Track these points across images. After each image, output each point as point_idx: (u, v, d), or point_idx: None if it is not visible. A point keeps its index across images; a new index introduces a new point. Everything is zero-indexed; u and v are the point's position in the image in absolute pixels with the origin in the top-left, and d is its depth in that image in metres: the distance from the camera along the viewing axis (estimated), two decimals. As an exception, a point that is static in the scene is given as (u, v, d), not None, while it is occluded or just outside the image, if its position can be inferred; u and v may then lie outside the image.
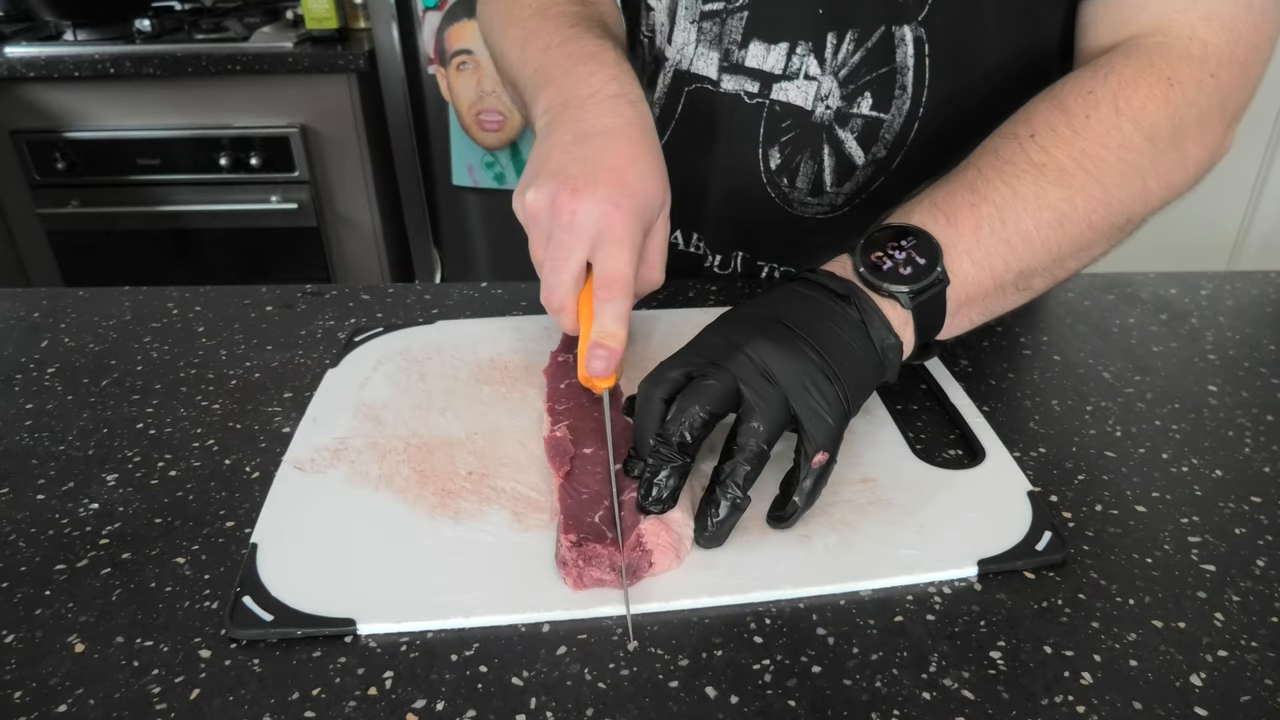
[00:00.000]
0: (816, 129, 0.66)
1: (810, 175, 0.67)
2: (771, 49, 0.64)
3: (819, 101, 0.64)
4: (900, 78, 0.63)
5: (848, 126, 0.65)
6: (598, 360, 0.48)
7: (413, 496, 0.49)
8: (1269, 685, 0.39)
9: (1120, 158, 0.51)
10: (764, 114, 0.67)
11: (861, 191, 0.68)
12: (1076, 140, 0.50)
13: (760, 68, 0.65)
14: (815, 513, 0.48)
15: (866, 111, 0.64)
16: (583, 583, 0.43)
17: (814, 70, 0.64)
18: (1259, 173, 1.82)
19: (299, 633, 0.41)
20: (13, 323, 0.71)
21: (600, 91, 0.53)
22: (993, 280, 0.49)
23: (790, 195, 0.69)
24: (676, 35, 0.68)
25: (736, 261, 0.75)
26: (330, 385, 0.60)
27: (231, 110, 1.76)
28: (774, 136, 0.67)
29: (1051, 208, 0.49)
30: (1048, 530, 0.46)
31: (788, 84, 0.65)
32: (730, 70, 0.67)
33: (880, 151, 0.65)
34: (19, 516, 0.49)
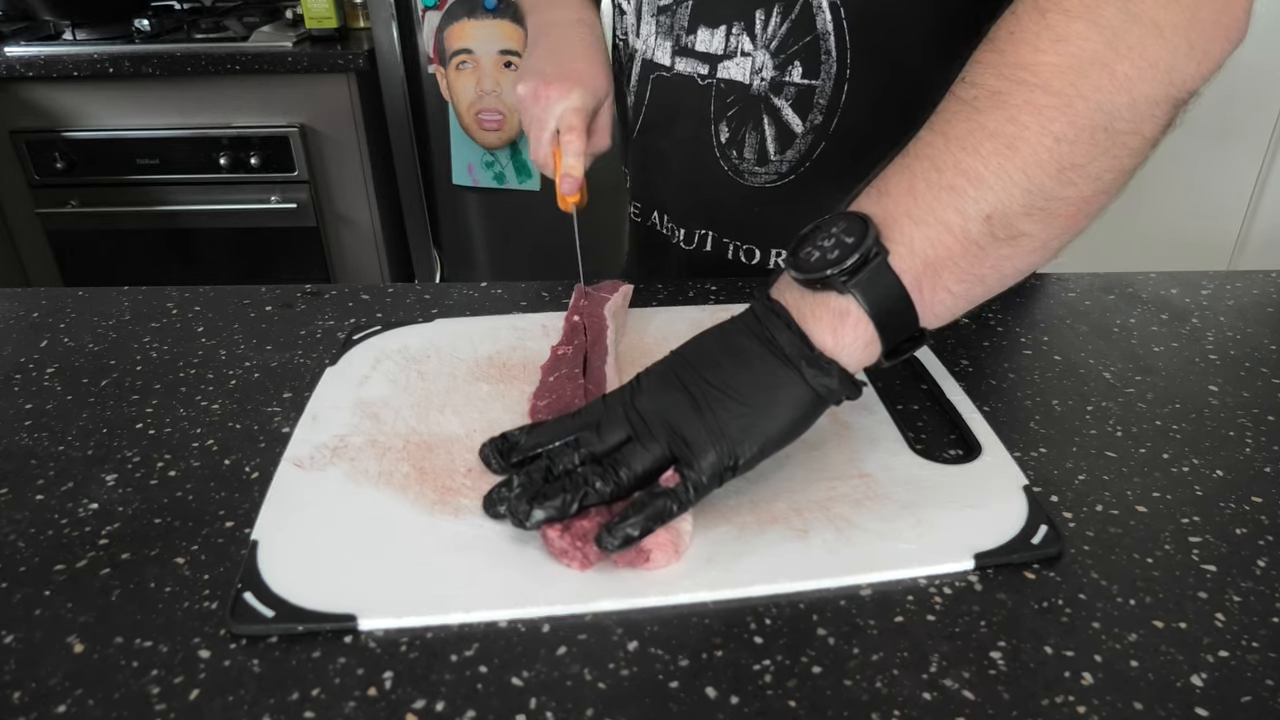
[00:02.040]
0: (755, 101, 0.71)
1: (755, 145, 0.73)
2: (714, 32, 0.71)
3: (754, 75, 0.70)
4: (824, 43, 0.66)
5: (782, 95, 0.70)
6: (566, 183, 0.65)
7: (412, 493, 0.50)
8: (1270, 686, 0.39)
9: (1060, 53, 0.43)
10: (713, 92, 0.73)
11: (805, 159, 0.72)
12: (1003, 59, 0.44)
13: (707, 50, 0.72)
14: (813, 508, 0.48)
15: (798, 80, 0.69)
16: (589, 560, 0.44)
17: (748, 47, 0.69)
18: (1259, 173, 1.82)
19: (300, 628, 0.41)
20: (12, 323, 0.71)
21: (563, 18, 0.74)
22: (953, 235, 0.43)
23: (740, 166, 0.74)
24: (642, 29, 0.76)
25: (707, 241, 0.79)
26: (329, 383, 0.60)
27: (231, 110, 1.76)
28: (722, 112, 0.73)
29: (992, 135, 0.43)
30: (1044, 524, 0.47)
31: (729, 62, 0.71)
32: (681, 54, 0.74)
33: (816, 117, 0.69)
34: (18, 517, 0.49)
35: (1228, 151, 1.80)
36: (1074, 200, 0.44)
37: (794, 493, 0.49)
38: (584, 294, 0.66)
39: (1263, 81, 1.73)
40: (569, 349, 0.60)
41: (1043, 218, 0.44)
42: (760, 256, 0.78)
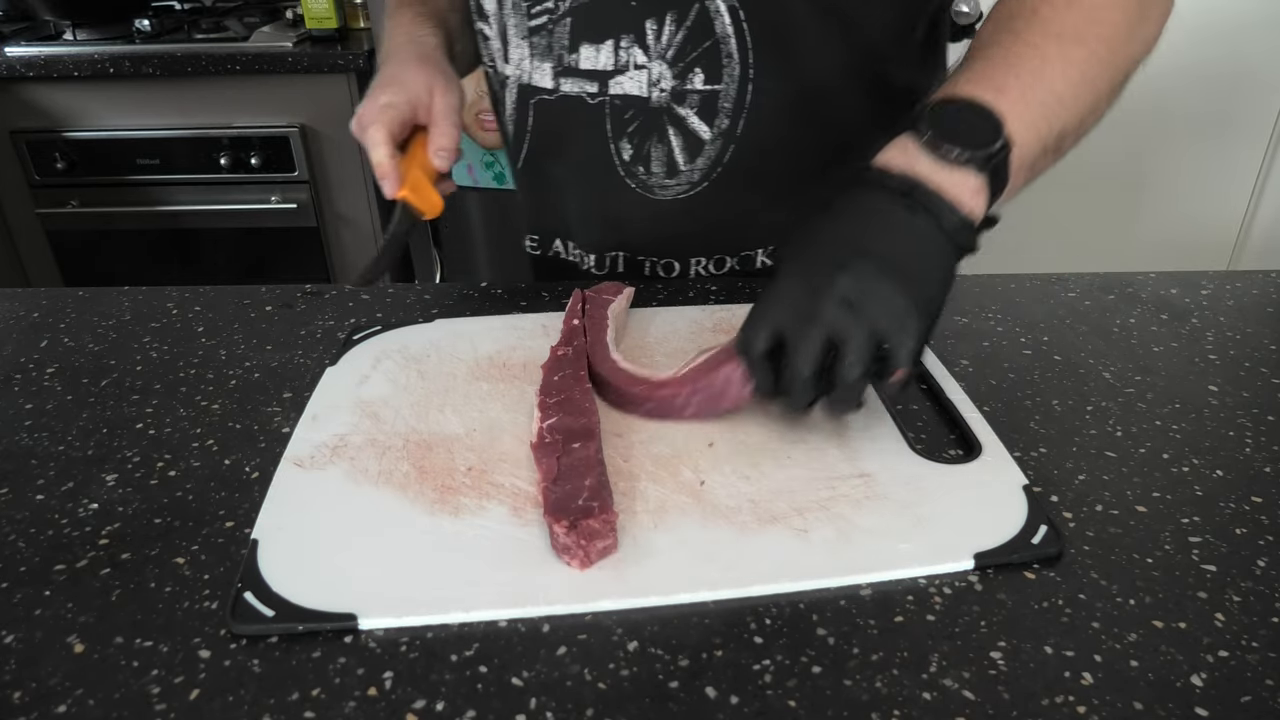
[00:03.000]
0: (657, 113, 0.69)
1: (663, 158, 0.71)
2: (600, 48, 0.68)
3: (653, 87, 0.68)
4: (724, 47, 0.65)
5: (686, 103, 0.68)
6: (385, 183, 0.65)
7: (412, 493, 0.50)
8: (1270, 686, 0.39)
9: (1121, 18, 0.56)
10: (607, 110, 0.70)
11: (716, 165, 0.71)
12: (1078, 7, 0.55)
13: (594, 68, 0.69)
14: (813, 508, 0.48)
15: (700, 86, 0.67)
16: (590, 559, 0.44)
17: (641, 59, 0.67)
18: (1259, 173, 1.82)
19: (300, 628, 0.41)
20: (12, 323, 0.71)
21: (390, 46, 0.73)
22: (1039, 143, 0.53)
23: (649, 182, 0.72)
24: (512, 53, 0.72)
25: (619, 263, 0.78)
26: (329, 383, 0.61)
27: (231, 110, 1.76)
28: (621, 129, 0.71)
29: (1076, 67, 0.54)
30: (1043, 524, 0.47)
31: (621, 77, 0.68)
32: (565, 74, 0.70)
33: (723, 122, 0.68)
34: (19, 516, 0.49)
35: (1227, 152, 1.80)
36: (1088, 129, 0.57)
37: (794, 493, 0.49)
38: (583, 298, 0.66)
39: (1262, 82, 1.73)
40: (569, 350, 0.60)
41: (1075, 139, 0.56)
42: (679, 268, 0.76)
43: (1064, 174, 1.97)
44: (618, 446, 0.53)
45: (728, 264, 0.76)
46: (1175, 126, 1.76)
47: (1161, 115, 1.74)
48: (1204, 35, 1.68)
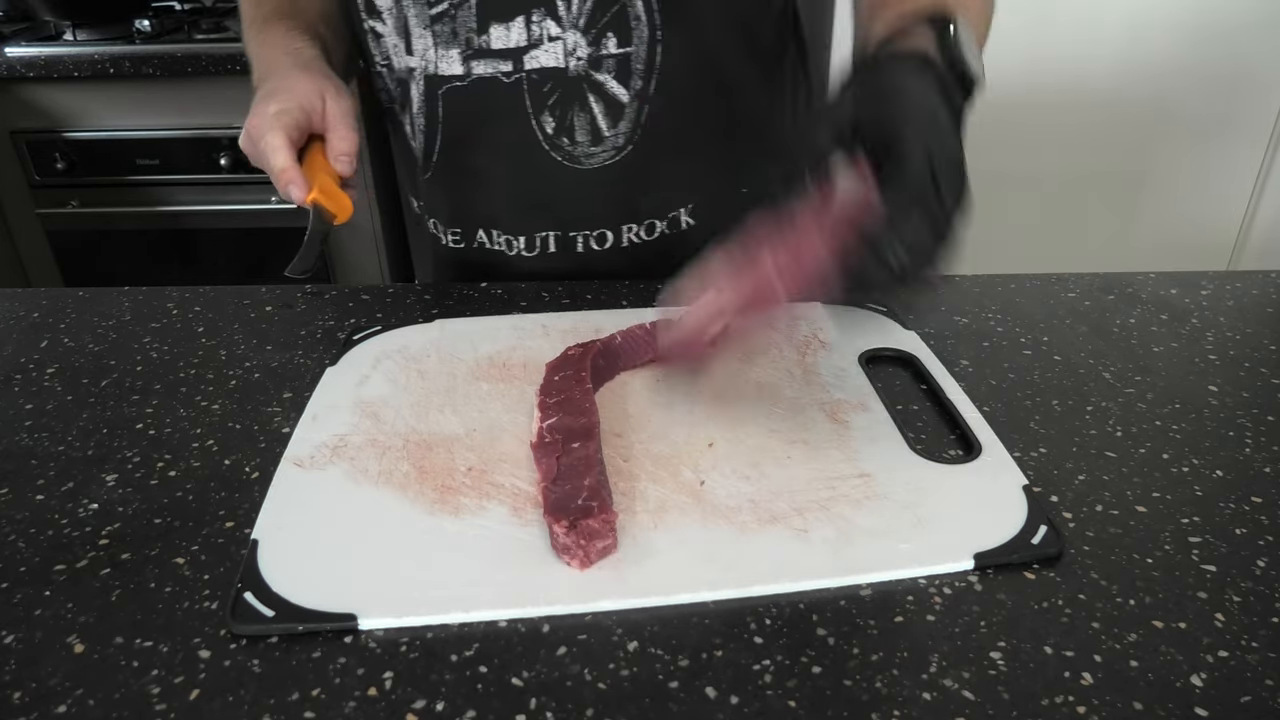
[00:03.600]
0: (576, 82, 0.71)
1: (587, 126, 0.72)
2: (510, 26, 0.69)
3: (569, 56, 0.69)
4: (631, 10, 0.68)
5: (603, 69, 0.70)
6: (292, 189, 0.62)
7: (412, 493, 0.50)
8: (1270, 686, 0.38)
9: None
10: (525, 87, 0.71)
11: (636, 127, 0.73)
12: None
13: (505, 46, 0.69)
14: (813, 508, 0.48)
15: (614, 50, 0.69)
16: (589, 559, 0.44)
17: (555, 30, 0.69)
18: (1259, 173, 1.82)
19: (300, 628, 0.41)
20: (13, 323, 0.71)
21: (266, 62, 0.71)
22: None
23: (575, 152, 0.73)
24: (415, 44, 0.72)
25: (550, 242, 0.78)
26: (329, 383, 0.61)
27: (231, 110, 1.76)
28: (541, 103, 0.72)
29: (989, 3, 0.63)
30: (1043, 524, 0.47)
31: (537, 51, 0.69)
32: (476, 57, 0.70)
33: (638, 83, 0.71)
34: (19, 517, 0.49)
35: (1227, 152, 1.80)
36: None
37: (794, 493, 0.49)
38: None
39: (1262, 82, 1.73)
40: (579, 349, 0.60)
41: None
42: (612, 239, 0.77)
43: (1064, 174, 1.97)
44: (617, 446, 0.53)
45: (658, 229, 0.78)
46: (1175, 126, 1.76)
47: (1161, 115, 1.74)
48: (1204, 35, 1.68)
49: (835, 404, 0.58)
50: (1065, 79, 1.70)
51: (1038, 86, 1.71)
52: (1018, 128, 1.75)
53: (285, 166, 0.62)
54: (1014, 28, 1.65)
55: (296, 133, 0.64)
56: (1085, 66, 1.69)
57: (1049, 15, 1.65)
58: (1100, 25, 1.66)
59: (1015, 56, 1.68)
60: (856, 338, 0.65)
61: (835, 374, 0.61)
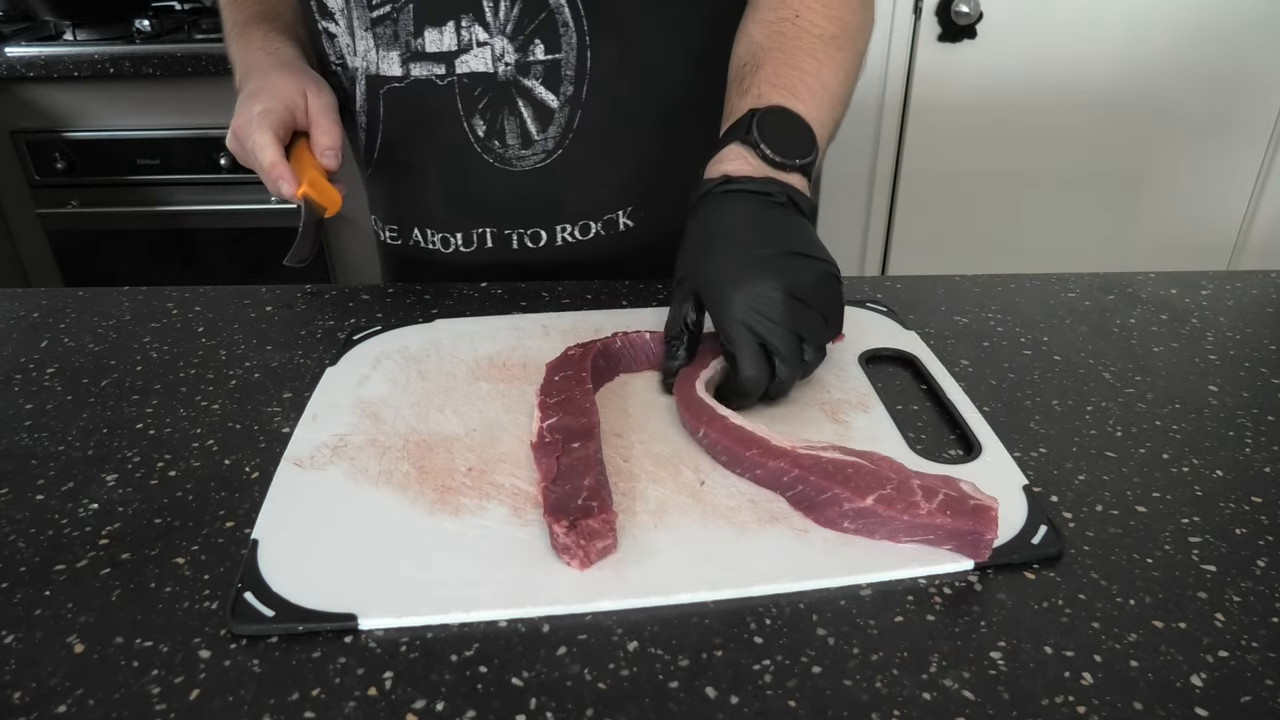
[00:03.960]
0: (505, 87, 0.72)
1: (517, 130, 0.74)
2: (443, 30, 0.71)
3: (497, 61, 0.71)
4: (559, 17, 0.69)
5: (531, 75, 0.72)
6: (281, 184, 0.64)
7: (412, 493, 0.50)
8: (1270, 686, 0.38)
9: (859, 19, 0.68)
10: (456, 90, 0.73)
11: (567, 130, 0.74)
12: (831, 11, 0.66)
13: (439, 49, 0.71)
14: (815, 512, 0.48)
15: (542, 57, 0.71)
16: (589, 559, 0.44)
17: (483, 36, 0.70)
18: (1259, 173, 1.82)
19: (300, 628, 0.41)
20: (13, 323, 0.71)
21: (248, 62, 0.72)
22: (827, 136, 0.63)
23: (506, 155, 0.75)
24: (359, 45, 0.74)
25: (487, 239, 0.79)
26: (329, 383, 0.61)
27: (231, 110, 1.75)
28: (472, 106, 0.73)
29: (841, 68, 0.65)
30: (1043, 524, 0.47)
31: (466, 56, 0.71)
32: (414, 59, 0.72)
33: (568, 89, 0.72)
34: (19, 516, 0.49)
35: (1227, 152, 1.80)
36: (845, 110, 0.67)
37: (794, 493, 0.49)
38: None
39: (1262, 82, 1.73)
40: (579, 350, 0.60)
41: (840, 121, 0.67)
42: (546, 237, 0.78)
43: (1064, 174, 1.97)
44: (617, 446, 0.53)
45: (593, 229, 0.79)
46: (1175, 127, 1.76)
47: (1161, 115, 1.74)
48: (1204, 35, 1.68)
49: (835, 404, 0.58)
50: (1065, 79, 1.70)
51: (1038, 86, 1.71)
52: (1018, 128, 1.75)
53: (274, 162, 0.64)
54: (1014, 28, 1.65)
55: (282, 130, 0.66)
56: (1085, 66, 1.69)
57: (1049, 15, 1.65)
58: (1100, 25, 1.66)
59: (1015, 56, 1.68)
60: (856, 337, 0.65)
61: (835, 374, 0.61)
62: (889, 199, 1.84)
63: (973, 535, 0.44)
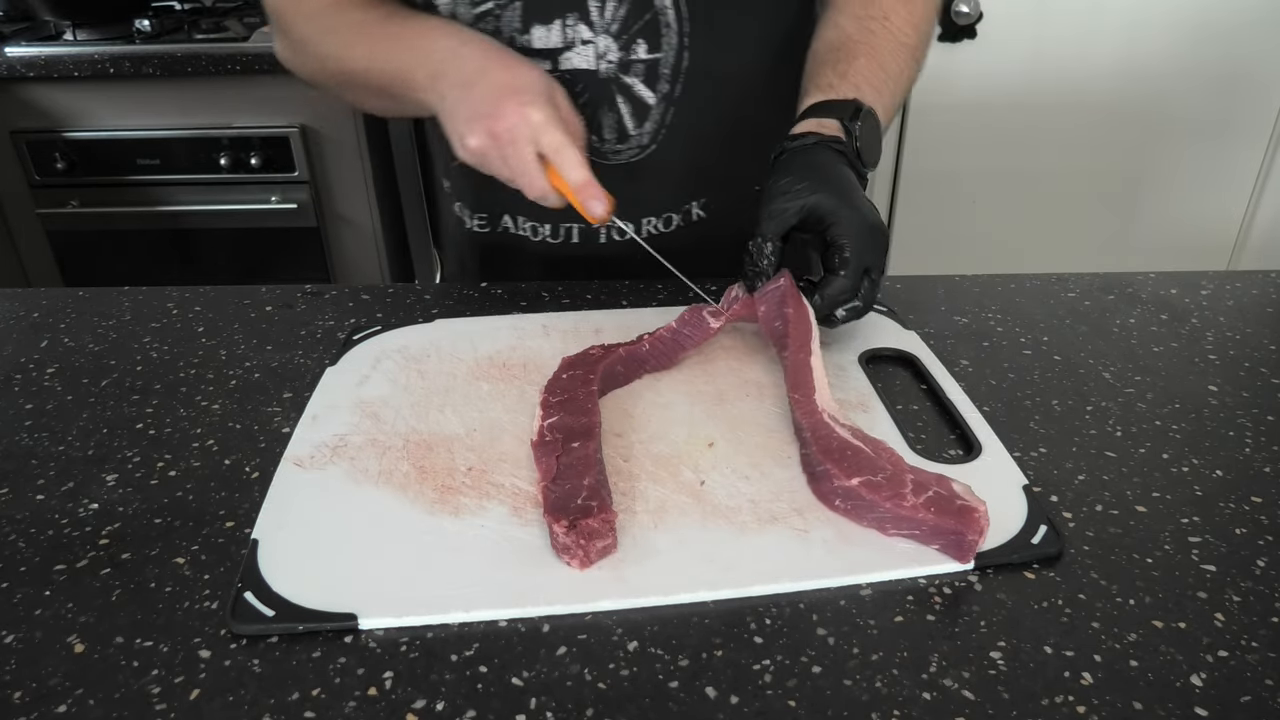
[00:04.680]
0: (606, 83, 0.74)
1: (614, 125, 0.76)
2: (550, 28, 0.72)
3: (600, 59, 0.73)
4: (663, 18, 0.72)
5: (631, 72, 0.74)
6: (593, 204, 0.63)
7: (412, 493, 0.50)
8: (1269, 685, 0.39)
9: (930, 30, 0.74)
10: None
11: (661, 127, 0.76)
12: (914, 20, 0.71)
13: (545, 46, 0.72)
14: (813, 508, 0.48)
15: (644, 56, 0.73)
16: (589, 559, 0.44)
17: (587, 35, 0.72)
18: (1259, 173, 1.82)
19: (300, 628, 0.41)
20: (13, 323, 0.71)
21: (451, 47, 0.66)
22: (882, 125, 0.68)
23: (602, 149, 0.77)
24: None
25: (574, 233, 0.81)
26: (329, 383, 0.61)
27: (231, 110, 1.76)
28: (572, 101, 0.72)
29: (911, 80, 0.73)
30: (1043, 524, 0.47)
31: (570, 53, 0.73)
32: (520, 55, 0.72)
33: (664, 87, 0.74)
34: (19, 516, 0.49)
35: (1227, 152, 1.80)
36: None
37: (794, 492, 0.49)
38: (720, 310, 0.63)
39: (1262, 82, 1.73)
40: (601, 351, 0.60)
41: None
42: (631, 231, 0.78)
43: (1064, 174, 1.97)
44: (617, 446, 0.53)
45: (674, 221, 0.81)
46: (1175, 127, 1.76)
47: (1161, 116, 1.74)
48: (1204, 35, 1.68)
49: (836, 403, 0.57)
50: (1065, 79, 1.70)
51: (1038, 87, 1.71)
52: (1018, 128, 1.75)
53: (587, 180, 0.62)
54: (1014, 28, 1.65)
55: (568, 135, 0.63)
56: (1085, 66, 1.69)
57: (1049, 16, 1.65)
58: (1100, 25, 1.66)
59: (1015, 56, 1.68)
60: (856, 337, 0.65)
61: (836, 373, 0.61)
62: (889, 199, 1.84)
63: (955, 535, 0.44)
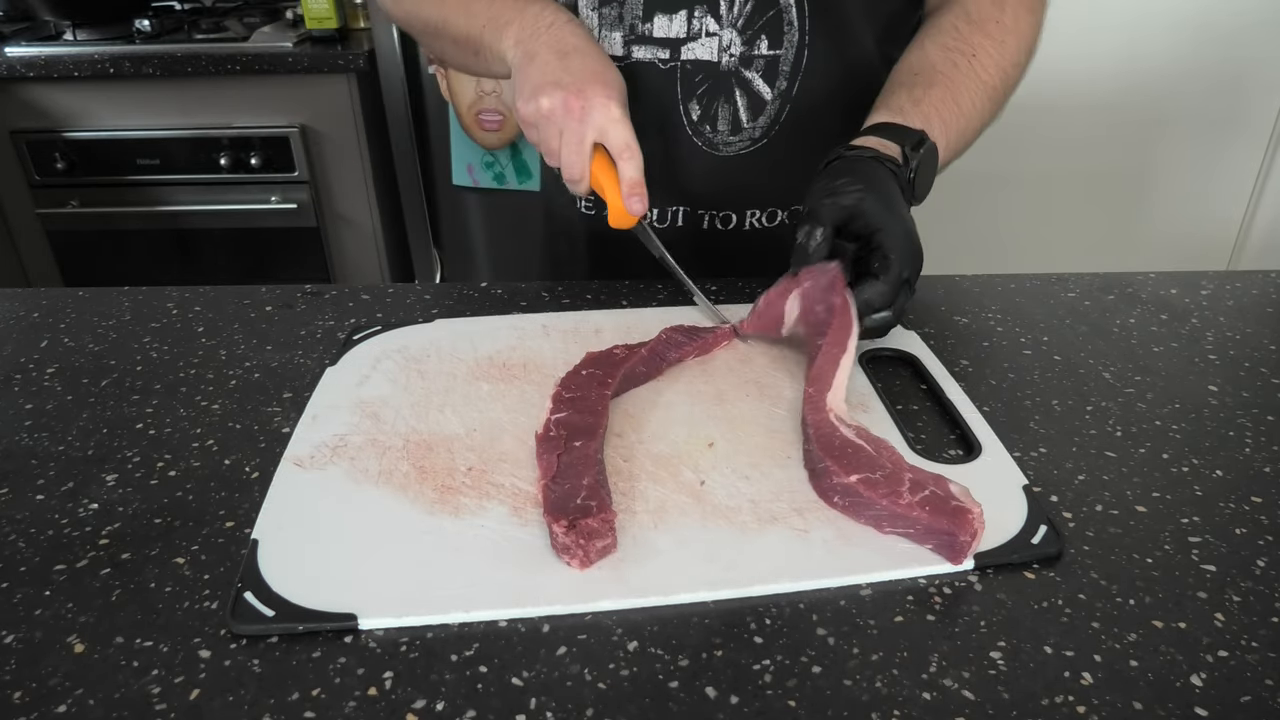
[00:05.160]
0: (726, 76, 0.75)
1: (729, 117, 0.77)
2: (673, 18, 0.73)
3: (723, 52, 0.74)
4: (787, 15, 0.73)
5: (752, 67, 0.75)
6: (636, 201, 0.64)
7: (412, 493, 0.50)
8: (1269, 685, 0.39)
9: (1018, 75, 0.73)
10: (678, 75, 0.75)
11: (775, 123, 0.78)
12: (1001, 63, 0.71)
13: (667, 36, 0.74)
14: (814, 508, 0.48)
15: (765, 52, 0.74)
16: (589, 559, 0.44)
17: (713, 27, 0.73)
18: (1259, 173, 1.82)
19: (300, 628, 0.41)
20: (13, 323, 0.71)
21: (558, 20, 0.67)
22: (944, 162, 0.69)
23: (715, 139, 0.78)
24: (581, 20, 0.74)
25: (679, 217, 0.82)
26: (329, 383, 0.61)
27: (231, 110, 1.76)
28: (690, 92, 0.76)
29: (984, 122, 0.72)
30: (1043, 524, 0.47)
31: (694, 44, 0.74)
32: (638, 42, 0.74)
33: (782, 83, 0.76)
34: (19, 516, 0.49)
35: (1227, 152, 1.80)
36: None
37: (794, 493, 0.49)
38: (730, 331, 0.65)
39: (1262, 82, 1.73)
40: (625, 349, 0.60)
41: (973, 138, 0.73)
42: (736, 220, 0.81)
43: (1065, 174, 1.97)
44: (618, 446, 0.53)
45: (779, 217, 0.82)
46: (1175, 126, 1.76)
47: (1161, 115, 1.74)
48: (1204, 35, 1.68)
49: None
50: (1065, 79, 1.70)
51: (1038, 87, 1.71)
52: (1019, 128, 1.75)
53: (638, 180, 0.63)
54: (1014, 28, 1.65)
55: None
56: (1085, 66, 1.69)
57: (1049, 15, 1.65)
58: (1100, 25, 1.66)
59: (1015, 56, 1.68)
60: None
61: (835, 374, 0.61)
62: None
63: (948, 536, 0.44)
